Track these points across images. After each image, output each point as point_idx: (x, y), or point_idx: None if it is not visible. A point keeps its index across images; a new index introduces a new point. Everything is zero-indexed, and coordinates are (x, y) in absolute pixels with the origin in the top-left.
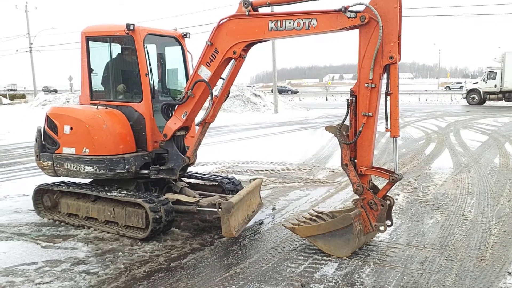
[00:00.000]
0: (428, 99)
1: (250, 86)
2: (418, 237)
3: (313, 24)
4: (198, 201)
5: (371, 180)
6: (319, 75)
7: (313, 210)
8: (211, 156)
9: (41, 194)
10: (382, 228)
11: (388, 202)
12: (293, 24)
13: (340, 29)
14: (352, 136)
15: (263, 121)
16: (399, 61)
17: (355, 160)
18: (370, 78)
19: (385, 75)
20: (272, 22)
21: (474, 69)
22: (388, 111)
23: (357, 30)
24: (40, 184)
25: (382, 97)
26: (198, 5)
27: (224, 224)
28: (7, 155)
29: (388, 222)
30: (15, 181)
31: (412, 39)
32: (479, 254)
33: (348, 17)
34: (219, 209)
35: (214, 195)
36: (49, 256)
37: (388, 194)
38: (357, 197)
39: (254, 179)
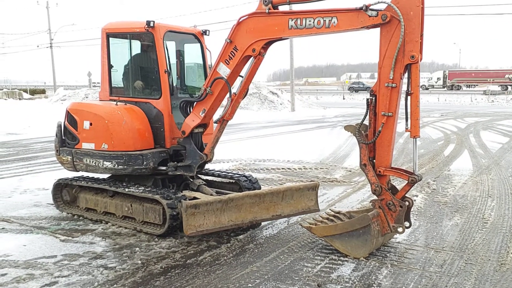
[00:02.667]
0: (447, 99)
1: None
2: (436, 239)
3: (334, 22)
4: None
5: (390, 180)
6: (336, 74)
7: (330, 209)
8: (228, 154)
9: (60, 188)
10: (400, 229)
11: (407, 203)
12: (314, 22)
13: (361, 27)
14: (371, 136)
15: (280, 119)
16: (420, 61)
17: (374, 160)
18: (391, 78)
19: (405, 75)
20: (292, 20)
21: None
22: (409, 111)
23: (377, 29)
24: (60, 179)
25: (402, 96)
26: (217, 3)
27: (184, 221)
28: (28, 149)
29: (406, 224)
30: (35, 175)
31: (431, 38)
32: (500, 258)
33: (369, 16)
34: (181, 207)
35: (231, 193)
36: (67, 250)
37: (406, 195)
38: (375, 197)
39: (312, 181)
